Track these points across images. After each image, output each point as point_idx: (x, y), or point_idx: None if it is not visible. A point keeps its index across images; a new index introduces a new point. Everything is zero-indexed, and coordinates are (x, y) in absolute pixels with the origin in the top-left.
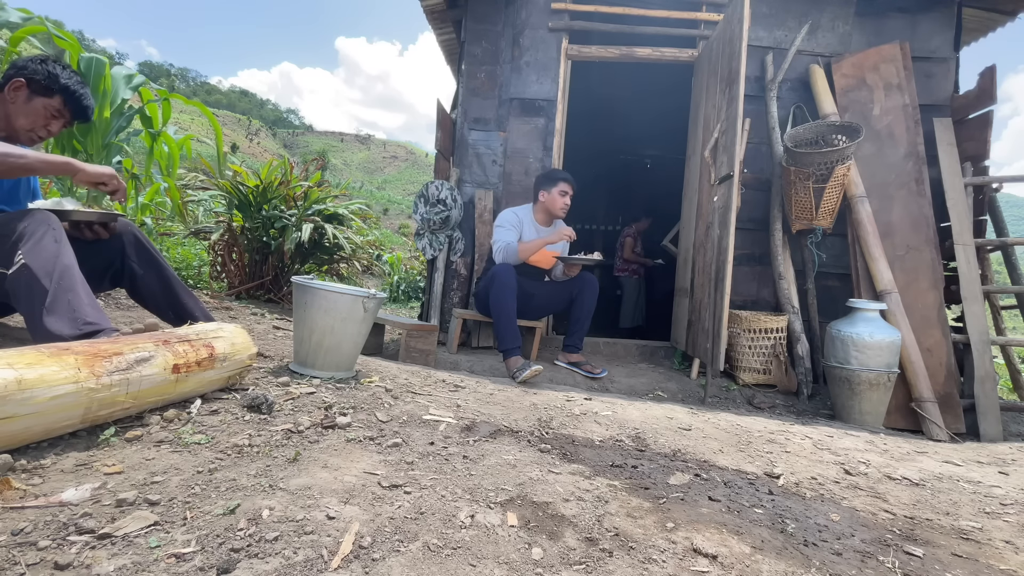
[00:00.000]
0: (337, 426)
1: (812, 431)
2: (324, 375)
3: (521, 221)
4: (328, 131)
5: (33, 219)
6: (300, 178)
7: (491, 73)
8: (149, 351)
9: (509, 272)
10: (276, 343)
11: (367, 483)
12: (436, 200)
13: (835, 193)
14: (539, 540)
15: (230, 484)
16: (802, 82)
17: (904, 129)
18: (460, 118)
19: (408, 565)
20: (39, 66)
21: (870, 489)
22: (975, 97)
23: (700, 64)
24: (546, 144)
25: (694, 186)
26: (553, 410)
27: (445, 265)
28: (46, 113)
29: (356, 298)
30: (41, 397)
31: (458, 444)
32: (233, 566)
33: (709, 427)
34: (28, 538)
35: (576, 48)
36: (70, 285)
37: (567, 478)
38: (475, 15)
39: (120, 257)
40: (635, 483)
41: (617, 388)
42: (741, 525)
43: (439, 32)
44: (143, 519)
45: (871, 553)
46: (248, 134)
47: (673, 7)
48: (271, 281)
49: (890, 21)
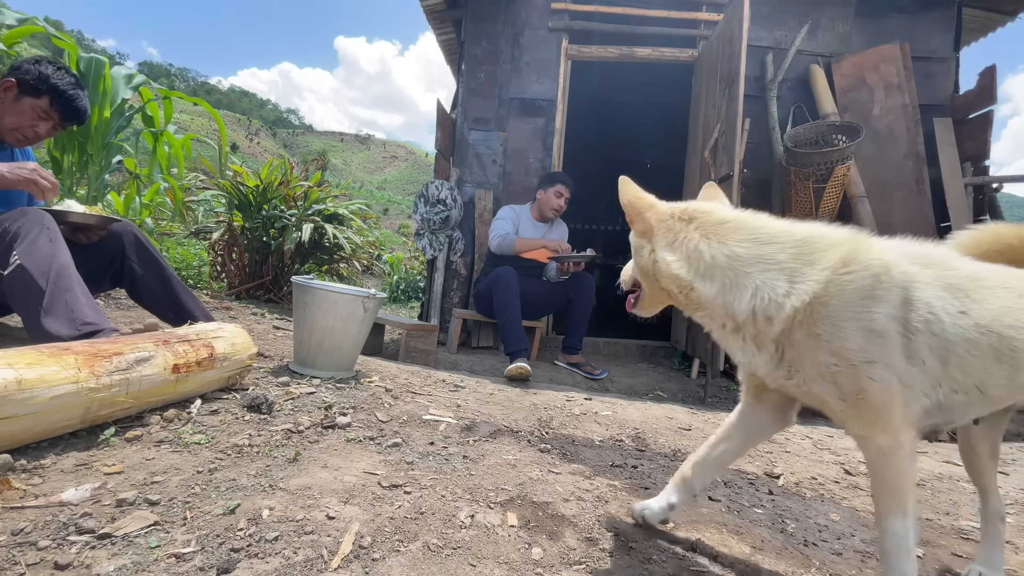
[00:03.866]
0: (337, 426)
1: (812, 431)
2: (324, 375)
3: (518, 216)
4: (328, 131)
5: (27, 219)
6: (300, 178)
7: (491, 73)
8: (149, 351)
9: (511, 274)
10: (276, 343)
11: (367, 483)
12: (436, 200)
13: (835, 193)
14: (539, 540)
15: (230, 484)
16: (802, 82)
17: (904, 129)
18: (460, 118)
19: (408, 565)
20: (32, 66)
21: (870, 489)
22: (975, 97)
23: (700, 64)
24: (546, 144)
25: (694, 186)
26: (553, 410)
27: (445, 265)
28: (33, 113)
29: (356, 298)
30: (41, 397)
31: (458, 444)
32: (233, 566)
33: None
34: (28, 538)
35: (576, 48)
36: (67, 285)
37: (567, 478)
38: (475, 15)
39: (120, 257)
40: (635, 483)
41: (617, 388)
42: (741, 525)
43: (439, 32)
44: (143, 519)
45: (871, 553)
46: (248, 134)
47: (673, 7)
48: (271, 281)
49: (890, 21)
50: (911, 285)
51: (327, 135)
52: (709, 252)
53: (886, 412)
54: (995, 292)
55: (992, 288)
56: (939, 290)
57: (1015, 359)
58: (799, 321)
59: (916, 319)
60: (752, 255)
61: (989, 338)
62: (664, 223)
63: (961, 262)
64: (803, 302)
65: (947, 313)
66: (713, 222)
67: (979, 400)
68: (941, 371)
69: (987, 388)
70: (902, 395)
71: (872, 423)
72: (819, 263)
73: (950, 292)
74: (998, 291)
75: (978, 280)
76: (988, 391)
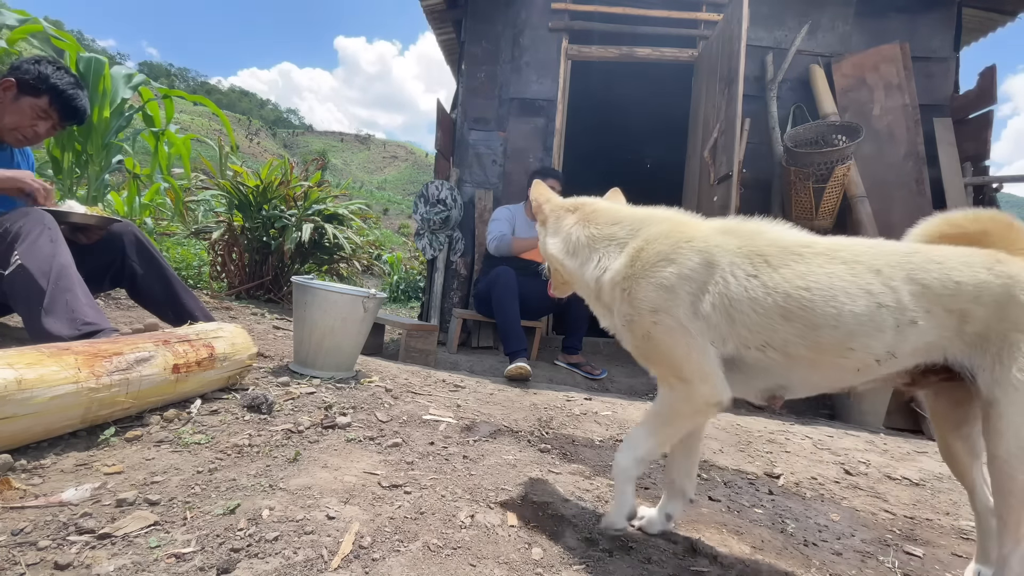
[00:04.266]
0: (337, 426)
1: (812, 431)
2: (324, 375)
3: (513, 215)
4: (328, 131)
5: (28, 219)
6: (300, 178)
7: (491, 73)
8: (149, 351)
9: (510, 274)
10: (276, 343)
11: (367, 483)
12: (436, 200)
13: (835, 193)
14: (539, 540)
15: (230, 484)
16: (802, 82)
17: (904, 129)
18: (460, 118)
19: (408, 565)
20: (32, 66)
21: (870, 489)
22: (975, 97)
23: (700, 64)
24: (546, 144)
25: (694, 186)
26: (553, 410)
27: (445, 265)
28: (32, 113)
29: (356, 298)
30: (41, 397)
31: (458, 444)
32: (233, 566)
33: (709, 427)
34: (28, 538)
35: (576, 48)
36: (68, 285)
37: (567, 478)
38: (475, 15)
39: (120, 257)
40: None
41: (617, 388)
42: (741, 525)
43: (439, 32)
44: (143, 519)
45: (871, 553)
46: (248, 134)
47: (673, 7)
48: (271, 281)
49: (890, 21)
50: (711, 251)
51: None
52: (575, 234)
53: (671, 355)
54: (806, 259)
55: (807, 256)
56: (736, 256)
57: (807, 318)
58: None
59: (708, 280)
60: (603, 234)
61: (775, 297)
62: (555, 213)
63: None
64: (622, 265)
65: (735, 276)
66: (588, 212)
67: (784, 361)
68: (727, 327)
69: (782, 346)
70: (686, 343)
71: (662, 364)
72: (640, 236)
73: (748, 258)
74: (811, 258)
75: (788, 249)
76: (786, 350)
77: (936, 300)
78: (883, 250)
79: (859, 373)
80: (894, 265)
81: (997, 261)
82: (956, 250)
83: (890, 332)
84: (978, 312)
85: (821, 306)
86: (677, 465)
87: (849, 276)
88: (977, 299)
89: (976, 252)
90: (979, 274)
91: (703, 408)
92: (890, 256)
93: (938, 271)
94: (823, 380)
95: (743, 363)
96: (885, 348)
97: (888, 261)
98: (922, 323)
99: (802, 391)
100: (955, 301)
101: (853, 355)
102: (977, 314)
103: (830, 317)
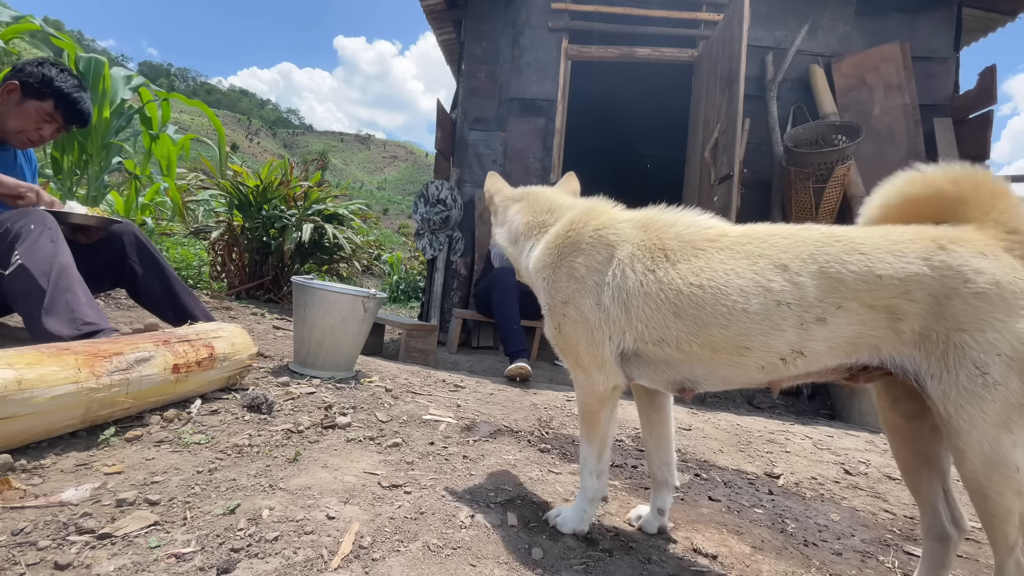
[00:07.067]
0: (337, 426)
1: (812, 431)
2: (324, 375)
3: None
4: (328, 131)
5: (29, 219)
6: (300, 178)
7: (491, 73)
8: (149, 351)
9: (510, 274)
10: (276, 343)
11: (367, 483)
12: (436, 200)
13: (835, 193)
14: (539, 540)
15: (230, 484)
16: (802, 82)
17: (904, 129)
18: (460, 118)
19: (408, 565)
20: (35, 69)
21: (870, 489)
22: (975, 97)
23: (700, 64)
24: (546, 144)
25: (694, 186)
26: (553, 410)
27: (445, 265)
28: (37, 116)
29: (356, 298)
30: (41, 397)
31: (458, 444)
32: (233, 566)
33: (709, 427)
34: (28, 538)
35: (576, 48)
36: (68, 285)
37: (567, 478)
38: (475, 15)
39: (120, 257)
40: (635, 483)
41: None
42: (741, 525)
43: (439, 32)
44: (143, 519)
45: (871, 553)
46: (248, 134)
47: (673, 7)
48: (271, 281)
49: (890, 21)
50: (617, 244)
51: (327, 135)
52: (515, 222)
53: (576, 347)
54: (707, 254)
55: (709, 251)
56: (638, 250)
57: (697, 316)
58: (539, 272)
59: (609, 272)
60: (536, 222)
61: (667, 293)
62: (504, 203)
63: (687, 227)
64: (539, 252)
65: (633, 270)
66: (531, 200)
67: (682, 356)
68: (625, 320)
69: (676, 343)
70: (587, 335)
71: (569, 355)
72: (560, 224)
73: (649, 252)
74: (713, 253)
75: (691, 243)
76: (680, 347)
77: (851, 295)
78: (797, 240)
79: (765, 371)
80: (806, 258)
81: (940, 248)
82: (890, 236)
83: (792, 331)
84: (911, 309)
85: (712, 304)
86: (653, 457)
87: (749, 272)
88: (907, 294)
89: (917, 237)
90: (910, 266)
91: (604, 395)
92: (803, 247)
93: (858, 263)
94: (730, 375)
95: (646, 356)
96: (788, 347)
97: (799, 253)
98: (834, 320)
99: (711, 386)
100: (877, 297)
101: (750, 354)
102: (910, 311)
103: (720, 316)
